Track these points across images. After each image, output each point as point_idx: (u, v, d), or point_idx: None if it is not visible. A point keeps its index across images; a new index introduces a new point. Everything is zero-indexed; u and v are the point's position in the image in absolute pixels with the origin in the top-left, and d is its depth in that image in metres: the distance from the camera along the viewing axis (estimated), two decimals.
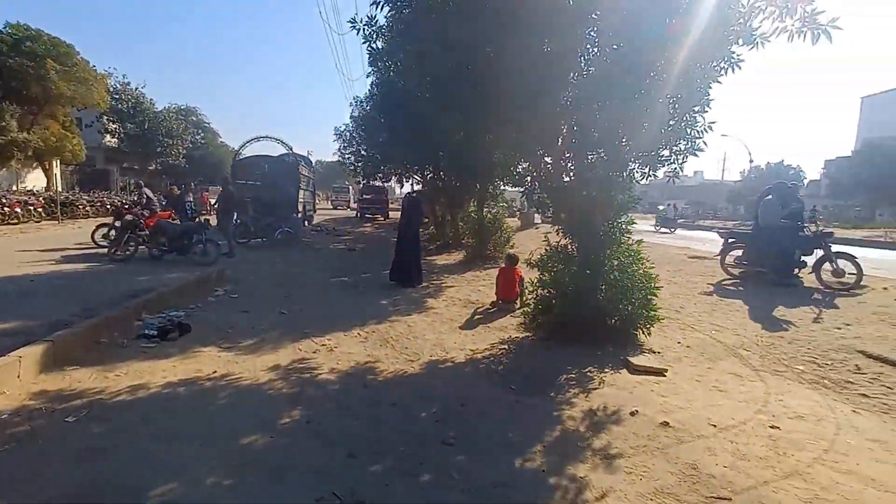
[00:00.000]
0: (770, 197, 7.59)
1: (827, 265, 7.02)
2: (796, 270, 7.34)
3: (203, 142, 43.94)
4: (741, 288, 7.40)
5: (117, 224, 9.56)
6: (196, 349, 4.23)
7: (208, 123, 45.54)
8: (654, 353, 4.46)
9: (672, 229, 24.20)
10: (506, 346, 4.70)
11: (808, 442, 2.79)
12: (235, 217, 12.81)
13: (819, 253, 7.16)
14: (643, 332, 4.71)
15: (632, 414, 3.13)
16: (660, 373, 3.88)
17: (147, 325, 4.69)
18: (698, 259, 10.41)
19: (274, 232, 12.08)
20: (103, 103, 27.04)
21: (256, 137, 15.96)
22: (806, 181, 55.89)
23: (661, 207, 34.67)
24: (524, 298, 6.07)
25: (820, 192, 45.91)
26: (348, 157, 15.16)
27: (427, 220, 15.08)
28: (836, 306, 6.04)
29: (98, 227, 10.59)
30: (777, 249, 7.25)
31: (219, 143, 47.07)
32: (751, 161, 48.04)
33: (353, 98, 18.09)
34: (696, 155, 4.99)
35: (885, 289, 6.71)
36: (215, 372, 3.74)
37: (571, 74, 4.89)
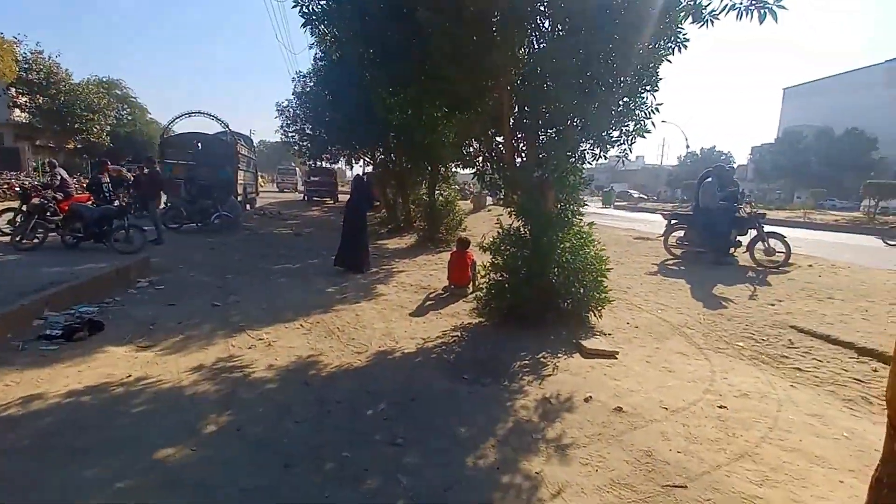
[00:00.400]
0: (710, 180, 7.89)
1: (760, 244, 7.42)
2: (732, 250, 7.71)
3: (130, 118, 40.16)
4: (683, 267, 7.69)
5: (24, 208, 8.42)
6: (108, 350, 3.72)
7: (135, 98, 41.62)
8: (606, 335, 4.46)
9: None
10: (458, 334, 4.53)
11: (755, 420, 2.83)
12: (166, 200, 11.77)
13: (753, 233, 7.56)
14: (595, 315, 4.71)
15: (586, 400, 3.06)
16: (612, 355, 3.87)
17: (50, 324, 4.10)
18: (643, 240, 10.76)
19: (210, 216, 11.19)
20: (10, 73, 23.79)
21: (188, 113, 14.60)
22: (735, 166, 60.25)
23: (606, 189, 36.04)
24: (476, 283, 5.94)
25: (747, 176, 49.45)
26: (292, 136, 14.26)
27: (378, 203, 14.61)
28: (769, 283, 6.39)
29: (2, 211, 9.31)
30: (715, 230, 7.57)
31: (147, 119, 43.23)
32: (687, 147, 50.96)
33: (297, 73, 16.95)
34: (643, 136, 4.99)
35: (810, 266, 7.19)
36: (129, 376, 3.29)
37: (522, 50, 4.70)
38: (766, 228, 7.63)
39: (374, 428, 2.74)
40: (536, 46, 4.69)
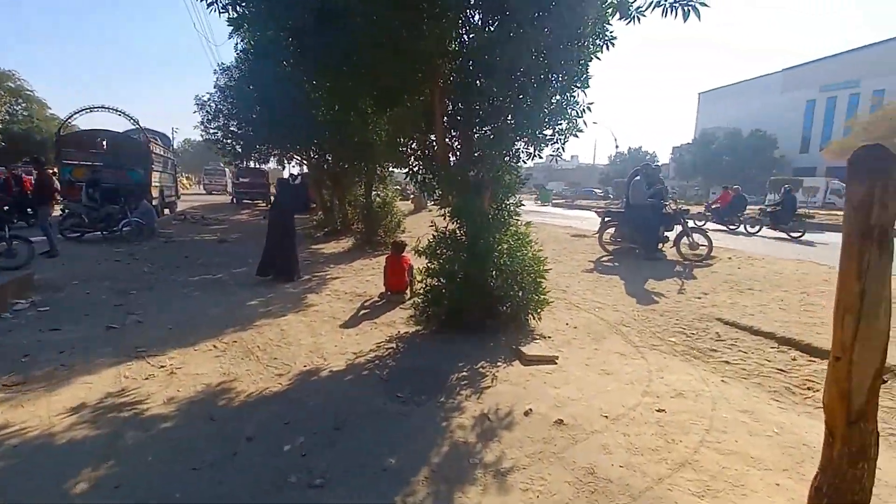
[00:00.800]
0: (638, 178, 8.17)
1: (685, 239, 7.79)
2: (661, 245, 8.03)
3: (26, 114, 35.65)
4: (617, 263, 7.89)
5: None
6: None
7: (32, 91, 36.99)
8: (545, 338, 4.35)
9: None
10: (394, 345, 4.22)
11: (692, 423, 2.78)
12: (63, 206, 10.40)
13: (678, 228, 7.92)
14: (534, 318, 4.60)
15: (525, 414, 2.88)
16: (551, 360, 3.74)
17: None
18: (580, 237, 11.02)
19: (118, 223, 10.00)
20: None
21: (89, 108, 12.95)
22: (660, 164, 64.75)
23: (547, 188, 37.28)
24: (414, 289, 5.66)
25: (669, 174, 53.17)
26: (214, 133, 13.13)
27: (315, 205, 13.88)
28: (695, 277, 6.68)
29: None
30: (645, 226, 7.84)
31: (47, 115, 38.59)
32: (616, 147, 53.97)
33: (219, 65, 15.64)
34: (576, 136, 4.96)
35: (730, 258, 7.65)
36: None
37: (452, 44, 4.49)
38: (690, 224, 8.04)
39: (290, 467, 2.37)
40: (467, 40, 4.49)
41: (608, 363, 3.81)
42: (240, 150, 13.07)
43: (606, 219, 9.02)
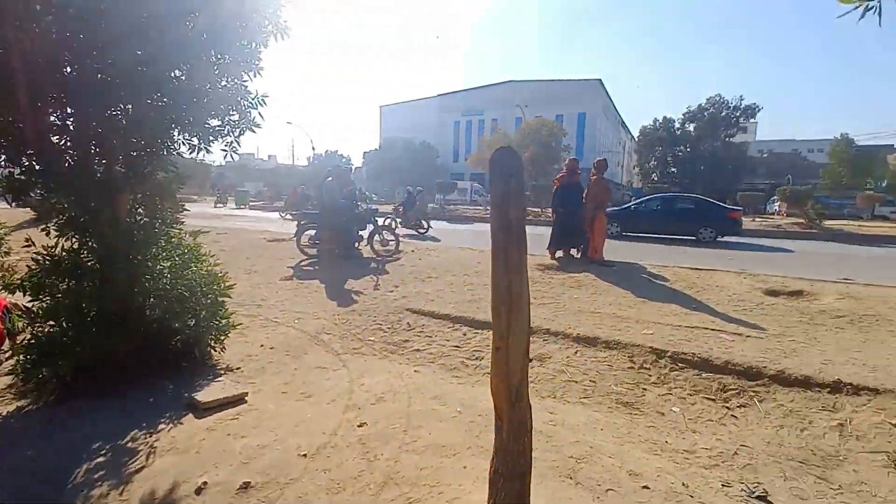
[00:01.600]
0: (330, 179, 8.19)
1: (377, 236, 8.33)
2: (356, 244, 8.34)
3: None
4: (317, 267, 7.69)
5: None
6: None
7: None
8: (232, 371, 3.59)
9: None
10: None
11: (392, 428, 2.72)
12: None
13: (371, 227, 8.40)
14: (215, 349, 3.74)
15: (198, 492, 2.15)
16: (238, 400, 3.06)
17: None
18: (277, 241, 10.31)
19: None
20: None
21: None
22: (354, 167, 70.06)
23: (241, 189, 34.01)
24: (17, 342, 3.74)
25: (364, 177, 58.33)
26: None
27: None
28: (387, 271, 7.19)
29: None
30: (340, 227, 7.94)
31: None
32: (313, 149, 54.77)
33: None
34: (253, 130, 4.34)
35: (413, 251, 8.68)
36: None
37: None
38: (380, 222, 8.67)
39: None
40: None
41: (308, 383, 3.44)
42: None
43: (303, 221, 8.70)
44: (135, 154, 3.55)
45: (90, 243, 3.19)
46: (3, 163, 3.34)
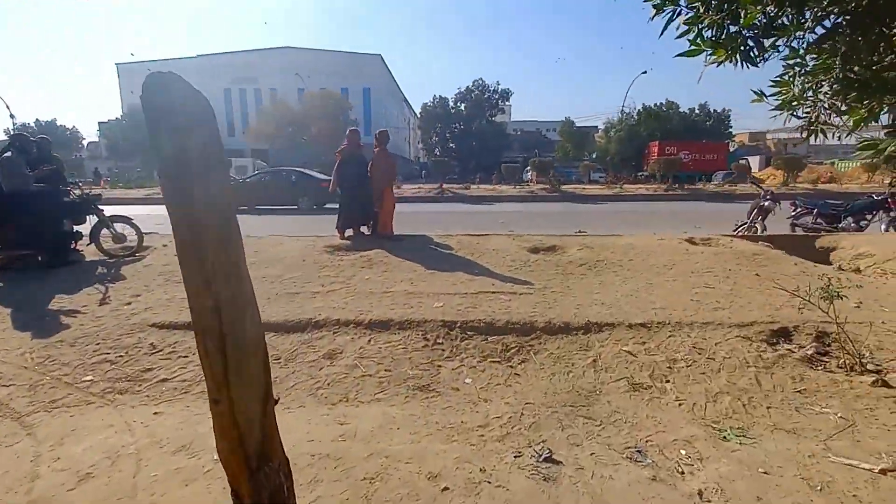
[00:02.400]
0: (8, 154, 5.64)
1: (105, 231, 6.26)
2: (74, 244, 6.10)
3: None
4: (2, 284, 5.29)
5: None
6: None
7: None
8: None
9: None
10: None
11: None
12: None
13: (94, 219, 6.24)
14: None
15: None
16: None
17: None
18: None
19: None
20: None
21: None
22: (86, 142, 54.00)
23: None
24: None
25: (102, 153, 45.84)
26: None
27: None
28: (124, 276, 5.42)
29: None
30: (40, 223, 5.62)
31: None
32: (12, 117, 39.70)
33: None
34: None
35: (165, 245, 6.79)
36: None
37: None
38: (110, 211, 6.55)
39: None
40: None
41: None
42: None
43: None
44: None
45: None
46: None
